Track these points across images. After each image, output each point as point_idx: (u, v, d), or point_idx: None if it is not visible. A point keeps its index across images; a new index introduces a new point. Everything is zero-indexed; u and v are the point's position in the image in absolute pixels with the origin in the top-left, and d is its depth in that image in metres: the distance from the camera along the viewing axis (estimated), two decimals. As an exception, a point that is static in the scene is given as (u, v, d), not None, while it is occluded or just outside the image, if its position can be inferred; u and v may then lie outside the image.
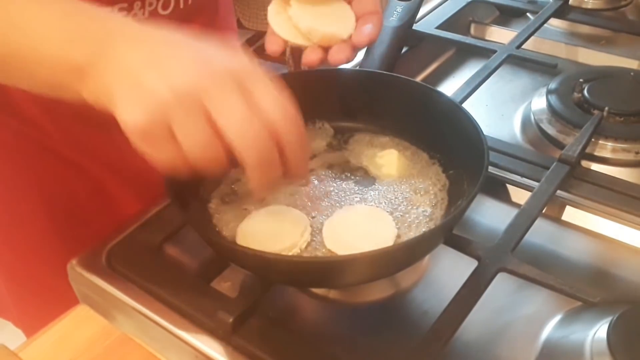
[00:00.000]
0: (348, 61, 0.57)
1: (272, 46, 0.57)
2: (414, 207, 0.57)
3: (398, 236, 0.54)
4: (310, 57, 0.56)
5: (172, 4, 0.67)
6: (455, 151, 0.59)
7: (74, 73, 0.44)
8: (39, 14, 0.45)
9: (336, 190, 0.59)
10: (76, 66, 0.44)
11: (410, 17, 0.82)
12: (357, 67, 0.80)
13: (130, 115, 0.42)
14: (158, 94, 0.41)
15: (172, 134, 0.42)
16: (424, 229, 0.55)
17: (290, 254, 0.52)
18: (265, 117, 0.43)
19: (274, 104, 0.44)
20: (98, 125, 0.68)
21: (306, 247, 0.53)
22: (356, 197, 0.59)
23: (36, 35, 0.45)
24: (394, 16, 0.80)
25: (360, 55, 0.82)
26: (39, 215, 0.73)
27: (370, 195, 0.59)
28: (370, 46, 0.56)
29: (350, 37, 0.56)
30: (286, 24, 0.57)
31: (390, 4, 0.81)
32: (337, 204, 0.58)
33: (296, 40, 0.57)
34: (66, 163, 0.72)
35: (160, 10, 0.66)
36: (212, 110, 0.42)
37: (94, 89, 0.44)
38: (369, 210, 0.56)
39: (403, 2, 0.82)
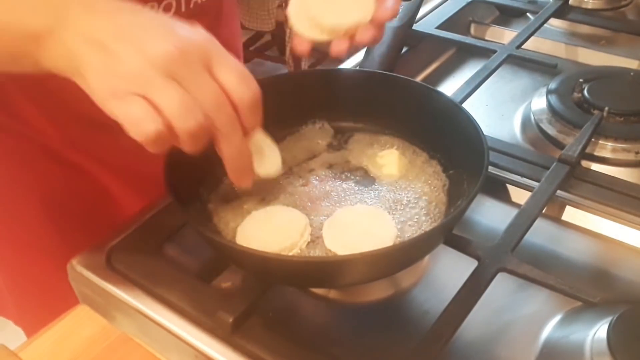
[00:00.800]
0: (376, 41, 0.57)
1: (299, 47, 0.58)
2: (414, 207, 0.57)
3: (398, 236, 0.54)
4: (339, 49, 0.57)
5: (174, 7, 0.66)
6: (455, 151, 0.59)
7: (33, 40, 0.45)
8: None
9: (336, 190, 0.59)
10: (34, 33, 0.45)
11: (410, 17, 0.82)
12: (357, 67, 0.80)
13: (105, 84, 0.43)
14: (134, 66, 0.43)
15: (150, 103, 0.43)
16: (423, 229, 0.55)
17: (290, 254, 0.52)
18: (230, 91, 0.45)
19: (239, 78, 0.46)
20: (97, 126, 0.68)
21: (306, 247, 0.53)
22: (356, 197, 0.59)
23: None
24: None
25: (360, 55, 0.82)
26: (39, 215, 0.73)
27: (370, 195, 0.59)
28: (391, 20, 0.56)
29: (372, 18, 0.56)
30: (309, 23, 0.57)
31: None
32: (337, 204, 0.58)
33: (322, 36, 0.57)
34: (66, 163, 0.72)
35: (161, 14, 0.66)
36: (183, 82, 0.43)
37: (54, 55, 0.45)
38: (369, 210, 0.56)
39: (403, 2, 0.82)
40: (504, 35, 0.93)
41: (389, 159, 0.62)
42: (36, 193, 0.72)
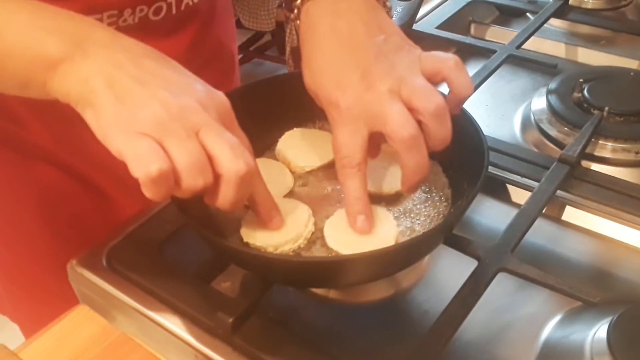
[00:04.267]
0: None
1: None
2: (414, 207, 0.57)
3: (399, 234, 0.54)
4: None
5: (164, 10, 0.66)
6: (456, 151, 0.59)
7: (47, 66, 0.44)
8: (15, 11, 0.46)
9: (335, 191, 0.59)
10: (50, 58, 0.44)
11: (410, 17, 0.82)
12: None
13: (116, 119, 0.42)
14: (154, 112, 0.42)
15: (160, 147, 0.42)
16: (423, 229, 0.55)
17: (296, 245, 0.52)
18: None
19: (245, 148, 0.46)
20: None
21: (306, 247, 0.53)
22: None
23: (10, 30, 0.45)
24: (394, 16, 0.80)
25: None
26: (35, 216, 0.73)
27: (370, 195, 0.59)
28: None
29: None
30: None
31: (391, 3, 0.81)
32: (337, 204, 0.58)
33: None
34: (62, 167, 0.71)
35: (151, 16, 0.65)
36: (201, 136, 0.43)
37: (66, 83, 0.44)
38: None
39: (403, 2, 0.82)
40: (504, 35, 0.93)
41: None
42: (32, 194, 0.72)
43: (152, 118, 0.42)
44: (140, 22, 0.64)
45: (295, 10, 0.60)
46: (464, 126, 0.57)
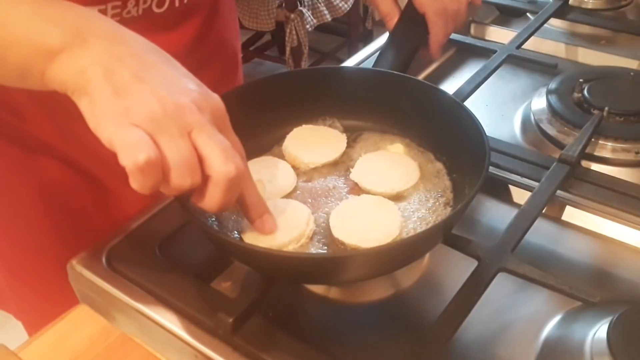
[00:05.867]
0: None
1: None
2: (416, 205, 0.57)
3: (404, 225, 0.54)
4: None
5: (167, 2, 0.66)
6: (459, 151, 0.59)
7: (46, 55, 0.44)
8: (16, 1, 0.46)
9: (338, 187, 0.60)
10: (49, 48, 0.44)
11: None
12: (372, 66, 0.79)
13: (111, 110, 0.42)
14: (150, 109, 0.42)
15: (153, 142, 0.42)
16: (425, 228, 0.55)
17: (298, 244, 0.53)
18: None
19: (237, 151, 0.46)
20: None
21: (310, 240, 0.54)
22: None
23: (11, 20, 0.45)
24: None
25: (372, 57, 0.82)
26: (40, 211, 0.73)
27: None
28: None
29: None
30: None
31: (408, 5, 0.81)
32: (338, 201, 0.58)
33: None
34: (65, 162, 0.72)
35: (154, 8, 0.65)
36: (193, 137, 0.43)
37: (63, 72, 0.44)
38: (375, 200, 0.57)
39: None
40: (504, 35, 0.93)
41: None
42: (34, 188, 0.72)
43: (147, 113, 0.42)
44: (143, 14, 0.64)
45: None
46: (467, 127, 0.57)
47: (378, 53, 0.77)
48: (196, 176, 0.43)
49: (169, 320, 0.53)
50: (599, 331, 0.48)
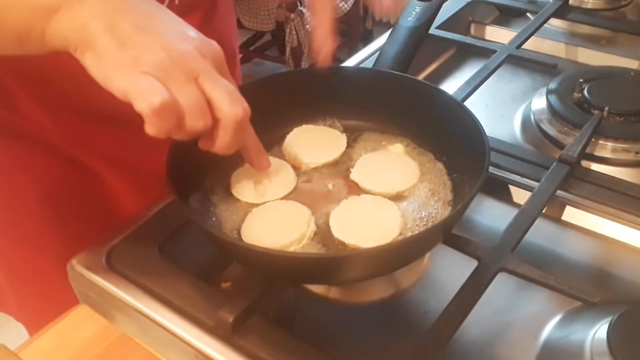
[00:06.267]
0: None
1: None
2: (416, 205, 0.57)
3: (404, 225, 0.54)
4: None
5: (167, 1, 0.66)
6: (459, 151, 0.59)
7: (44, 14, 0.44)
8: None
9: (338, 187, 0.60)
10: (47, 6, 0.44)
11: (429, 19, 0.80)
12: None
13: (118, 60, 0.43)
14: (155, 57, 0.43)
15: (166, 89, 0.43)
16: (425, 228, 0.55)
17: (300, 245, 0.53)
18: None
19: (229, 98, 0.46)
20: (97, 121, 0.68)
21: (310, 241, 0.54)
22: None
23: None
24: (412, 16, 0.79)
25: (372, 56, 0.82)
26: (41, 209, 0.73)
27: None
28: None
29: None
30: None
31: (409, 4, 0.81)
32: (338, 202, 0.58)
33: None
34: (66, 159, 0.72)
35: None
36: (200, 82, 0.44)
37: (64, 29, 0.44)
38: (375, 200, 0.57)
39: (422, 3, 0.81)
40: (504, 35, 0.93)
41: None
42: (35, 186, 0.72)
43: (155, 62, 0.43)
44: None
45: None
46: (467, 127, 0.57)
47: (378, 53, 0.77)
48: (208, 119, 0.45)
49: (169, 320, 0.53)
50: (599, 331, 0.48)
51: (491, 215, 0.64)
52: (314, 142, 0.63)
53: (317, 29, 0.62)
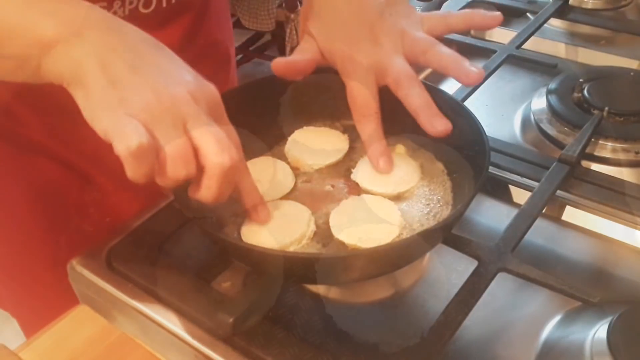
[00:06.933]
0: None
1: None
2: (417, 205, 0.57)
3: (404, 225, 0.54)
4: None
5: (154, 3, 0.66)
6: (459, 151, 0.59)
7: (40, 46, 0.44)
8: None
9: (338, 188, 0.60)
10: (44, 39, 0.44)
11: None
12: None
13: (105, 100, 0.43)
14: (144, 100, 0.42)
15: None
16: (425, 228, 0.55)
17: (300, 245, 0.53)
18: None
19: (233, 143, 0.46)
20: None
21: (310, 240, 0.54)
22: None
23: (6, 12, 0.45)
24: None
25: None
26: (35, 212, 0.72)
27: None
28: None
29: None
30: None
31: (410, 3, 0.81)
32: (338, 202, 0.58)
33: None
34: (59, 161, 0.71)
35: (141, 9, 0.65)
36: (188, 128, 0.44)
37: (58, 63, 0.44)
38: (375, 200, 0.57)
39: (422, 3, 0.81)
40: (504, 35, 0.93)
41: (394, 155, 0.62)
42: (29, 189, 0.72)
43: (142, 104, 0.42)
44: (130, 14, 0.64)
45: None
46: (467, 127, 0.57)
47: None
48: (191, 167, 0.44)
49: (169, 320, 0.53)
50: (599, 331, 0.48)
51: (491, 215, 0.64)
52: (316, 144, 0.63)
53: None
